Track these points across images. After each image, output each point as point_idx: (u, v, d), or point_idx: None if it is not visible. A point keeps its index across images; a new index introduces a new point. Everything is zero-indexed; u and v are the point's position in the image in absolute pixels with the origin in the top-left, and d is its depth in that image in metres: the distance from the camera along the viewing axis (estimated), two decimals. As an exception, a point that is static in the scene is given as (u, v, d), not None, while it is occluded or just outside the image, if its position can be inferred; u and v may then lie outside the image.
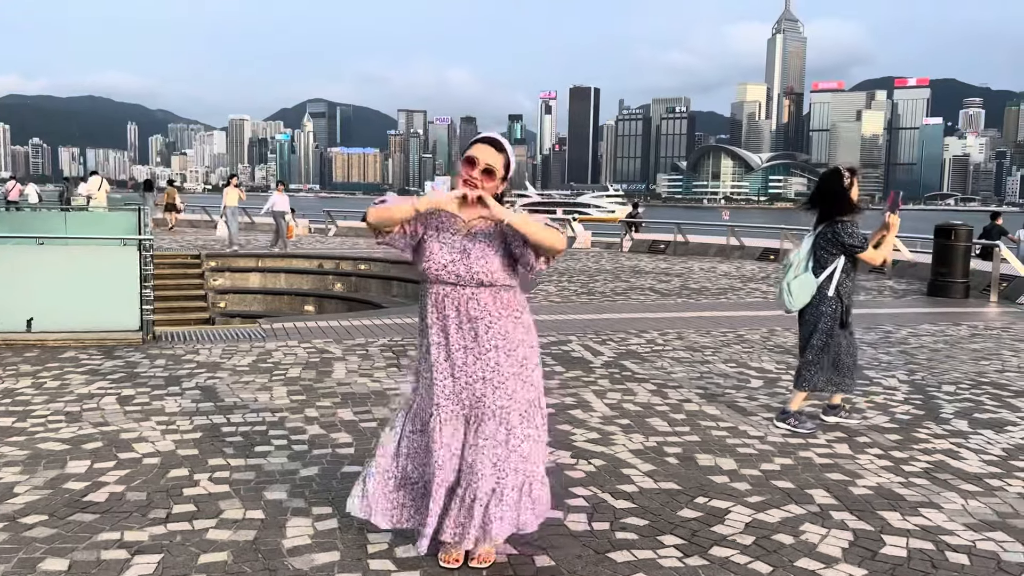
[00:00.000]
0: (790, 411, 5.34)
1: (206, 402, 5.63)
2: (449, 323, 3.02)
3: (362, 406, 5.59)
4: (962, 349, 8.39)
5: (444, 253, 2.99)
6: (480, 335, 3.01)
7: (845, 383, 5.32)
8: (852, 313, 5.35)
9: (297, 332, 8.49)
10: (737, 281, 14.50)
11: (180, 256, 18.63)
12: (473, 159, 2.95)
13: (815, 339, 5.26)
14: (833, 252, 5.19)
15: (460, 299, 3.01)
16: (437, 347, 3.05)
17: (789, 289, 5.25)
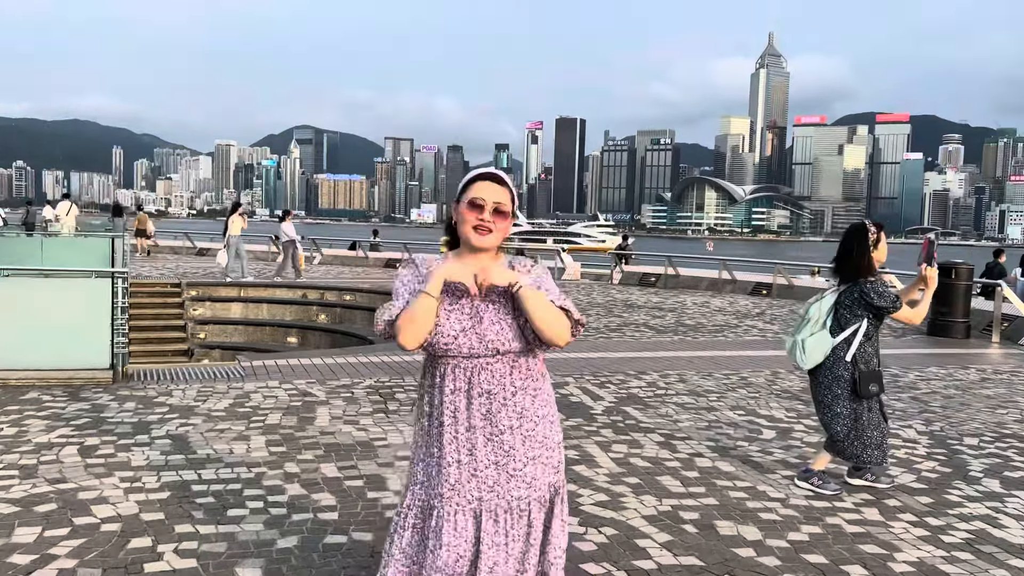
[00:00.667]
0: (813, 470, 4.93)
1: (176, 454, 5.16)
2: (459, 400, 2.55)
3: (347, 460, 5.13)
4: (975, 396, 8.03)
5: (453, 322, 2.51)
6: (494, 413, 2.55)
7: (868, 455, 4.88)
8: (881, 382, 4.90)
9: (278, 371, 8.02)
10: (732, 317, 14.15)
11: (159, 284, 18.10)
12: (479, 202, 2.52)
13: (837, 406, 4.85)
14: (857, 314, 4.79)
15: (472, 371, 2.54)
16: (443, 428, 2.57)
17: (803, 346, 4.85)
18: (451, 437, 2.56)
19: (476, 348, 2.52)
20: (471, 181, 2.57)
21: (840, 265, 4.90)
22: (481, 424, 2.55)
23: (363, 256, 27.18)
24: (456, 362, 2.54)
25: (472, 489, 2.55)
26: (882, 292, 4.73)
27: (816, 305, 4.91)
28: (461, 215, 2.55)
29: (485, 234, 2.52)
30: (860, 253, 4.78)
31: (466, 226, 2.54)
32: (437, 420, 2.58)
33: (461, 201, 2.56)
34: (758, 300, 17.61)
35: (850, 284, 4.82)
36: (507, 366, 2.57)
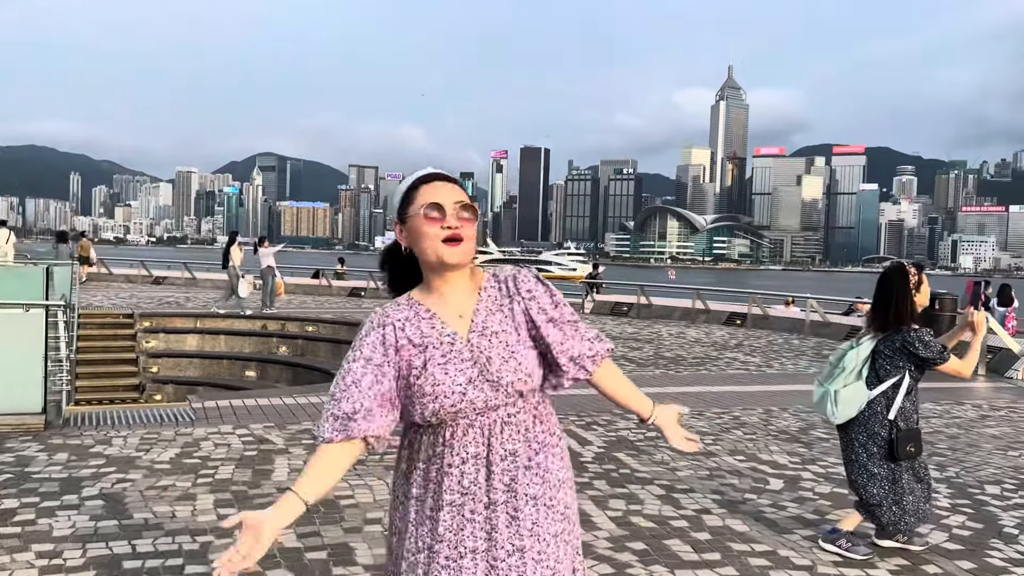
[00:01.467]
0: (841, 531, 4.37)
1: (108, 519, 4.44)
2: (476, 469, 1.94)
3: (307, 524, 4.45)
4: (980, 435, 7.58)
5: (455, 375, 1.92)
6: (518, 481, 1.95)
7: (906, 523, 4.33)
8: (919, 442, 4.36)
9: (232, 413, 7.30)
10: (711, 349, 13.68)
11: (110, 315, 17.17)
12: (438, 204, 1.94)
13: (872, 466, 4.30)
14: (898, 365, 4.26)
15: (492, 428, 1.95)
16: (456, 509, 1.93)
17: (835, 398, 4.30)
18: (464, 520, 1.93)
19: (493, 398, 1.94)
20: (416, 185, 1.99)
21: (879, 311, 4.36)
22: (504, 498, 1.94)
23: (327, 285, 26.39)
24: (468, 423, 1.94)
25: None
26: (928, 342, 4.21)
27: (852, 353, 4.36)
28: (418, 231, 1.95)
29: (456, 245, 1.94)
30: (901, 298, 4.26)
31: (429, 241, 1.94)
32: (441, 500, 1.93)
33: (409, 214, 1.97)
34: (733, 330, 17.20)
35: (890, 332, 4.30)
36: (529, 415, 2.00)
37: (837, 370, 4.37)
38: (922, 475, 4.39)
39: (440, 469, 1.94)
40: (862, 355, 4.32)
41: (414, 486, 1.98)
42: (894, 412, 4.25)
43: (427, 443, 1.97)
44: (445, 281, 1.98)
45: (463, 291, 2.00)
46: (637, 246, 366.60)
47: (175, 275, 28.78)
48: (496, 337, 1.97)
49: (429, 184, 1.99)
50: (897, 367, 4.26)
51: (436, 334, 1.95)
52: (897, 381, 4.27)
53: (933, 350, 4.19)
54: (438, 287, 1.99)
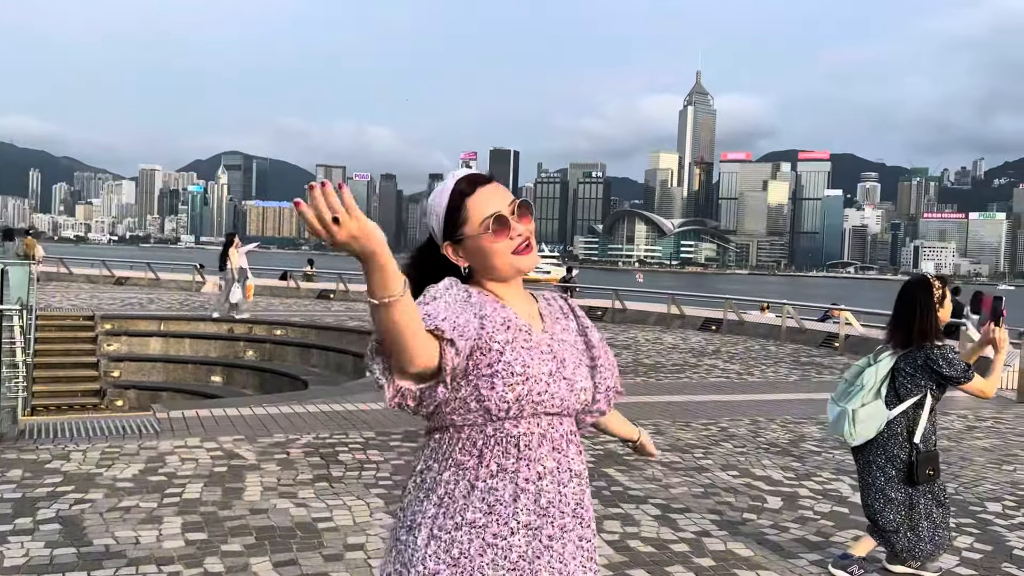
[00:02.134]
0: (853, 556, 4.14)
1: (66, 547, 4.08)
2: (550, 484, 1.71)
3: (284, 551, 4.13)
4: (971, 448, 7.44)
5: (540, 363, 1.71)
6: (583, 506, 1.77)
7: (921, 550, 4.11)
8: (938, 465, 4.14)
9: (200, 425, 6.93)
10: (689, 355, 13.50)
11: (70, 317, 16.56)
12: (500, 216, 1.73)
13: (890, 490, 4.07)
14: (920, 384, 4.03)
15: (559, 439, 1.74)
16: (526, 532, 1.68)
17: (853, 418, 4.05)
18: (542, 547, 1.69)
19: (567, 400, 1.74)
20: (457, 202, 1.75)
21: (900, 326, 4.12)
22: (571, 522, 1.74)
23: (295, 287, 25.87)
24: (543, 428, 1.73)
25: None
26: (952, 360, 3.99)
27: (871, 370, 4.12)
28: (485, 249, 1.74)
29: (529, 251, 1.77)
30: (924, 313, 4.02)
31: (501, 258, 1.75)
32: (517, 521, 1.68)
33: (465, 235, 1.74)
34: (709, 336, 17.07)
35: (912, 348, 4.07)
36: (579, 436, 1.83)
37: (854, 388, 4.14)
38: (942, 499, 4.17)
39: (513, 486, 1.68)
40: (881, 373, 4.09)
41: (470, 510, 1.67)
42: (919, 435, 4.03)
43: (497, 452, 1.69)
44: (507, 286, 1.80)
45: (521, 296, 1.84)
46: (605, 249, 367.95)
47: (138, 275, 28.03)
48: (564, 343, 1.81)
49: (474, 195, 1.76)
50: (919, 386, 4.03)
51: (513, 318, 1.74)
52: (919, 400, 4.05)
53: (958, 368, 3.98)
54: (497, 290, 1.79)
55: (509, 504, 1.67)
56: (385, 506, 4.91)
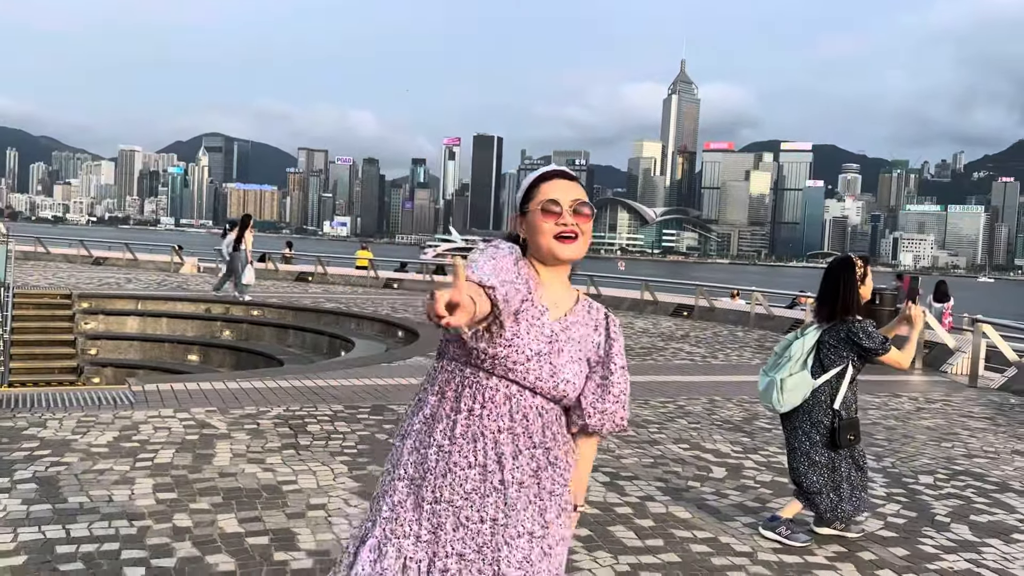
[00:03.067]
0: (781, 518, 4.45)
1: (42, 503, 4.31)
2: (507, 441, 1.97)
3: (250, 509, 4.38)
4: (916, 427, 7.80)
5: (532, 340, 1.97)
6: (542, 472, 2.00)
7: (842, 510, 4.43)
8: (858, 431, 4.47)
9: (174, 397, 7.15)
10: (658, 339, 13.83)
11: (47, 295, 16.66)
12: (555, 206, 2.03)
13: (815, 454, 4.39)
14: (842, 355, 4.36)
15: (530, 411, 1.99)
16: (482, 470, 1.96)
17: (781, 386, 4.37)
18: (491, 488, 1.96)
19: (544, 382, 1.98)
20: (536, 182, 2.09)
21: (825, 302, 4.44)
22: (528, 482, 1.98)
23: (273, 269, 25.98)
24: (510, 392, 1.98)
25: (498, 559, 1.93)
26: (872, 333, 4.31)
27: (798, 343, 4.44)
28: (535, 225, 2.04)
29: (571, 242, 2.03)
30: (848, 290, 4.35)
31: (544, 237, 2.03)
32: (471, 457, 1.96)
33: (529, 209, 2.06)
34: (680, 322, 17.41)
35: (835, 323, 4.38)
36: (557, 423, 2.05)
37: (783, 360, 4.44)
38: (861, 464, 4.49)
39: (475, 426, 1.96)
40: (807, 345, 4.40)
41: (438, 434, 1.98)
42: (839, 402, 4.34)
43: (467, 395, 1.97)
44: (550, 271, 2.06)
45: (562, 286, 2.08)
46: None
47: (116, 256, 28.06)
48: (573, 341, 2.04)
49: (550, 181, 2.07)
50: (841, 357, 4.35)
51: (536, 298, 2.01)
52: (841, 371, 4.36)
53: (876, 341, 4.29)
54: (542, 275, 2.06)
55: (469, 442, 1.95)
56: (348, 472, 5.17)
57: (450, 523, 1.93)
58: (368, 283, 23.36)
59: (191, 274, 24.76)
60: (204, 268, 26.36)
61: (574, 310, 2.08)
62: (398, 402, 7.38)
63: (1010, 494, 5.64)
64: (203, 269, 26.16)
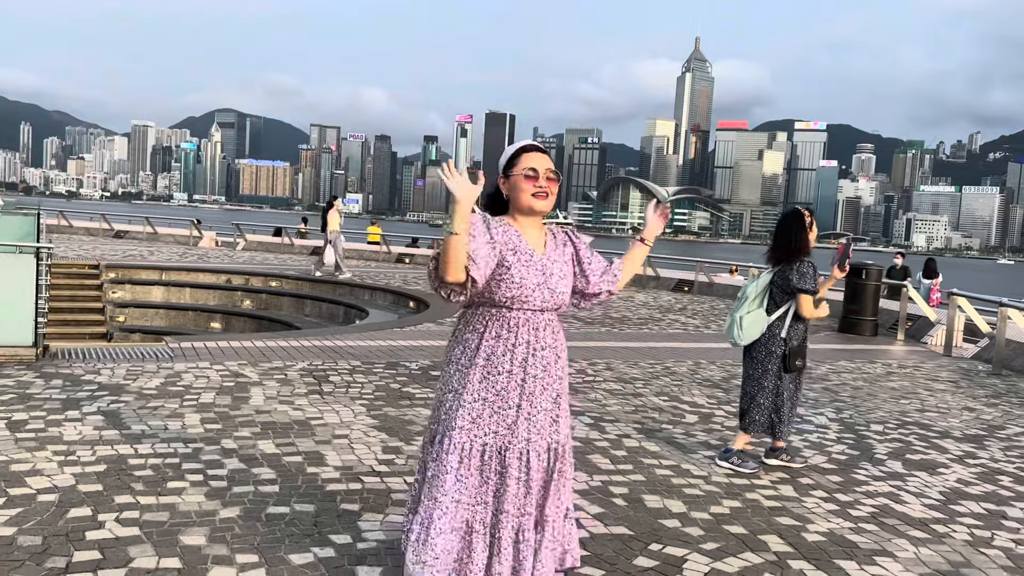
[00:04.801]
0: (733, 450, 5.22)
1: (110, 429, 5.12)
2: (525, 349, 2.83)
3: (284, 437, 5.19)
4: (881, 387, 8.53)
5: (532, 276, 2.81)
6: (550, 365, 2.88)
7: (781, 430, 5.19)
8: (805, 357, 5.23)
9: (208, 352, 7.96)
10: (656, 311, 14.56)
11: (76, 265, 17.56)
12: (535, 169, 2.84)
13: (765, 380, 5.15)
14: (788, 293, 5.10)
15: (539, 325, 2.86)
16: (509, 375, 2.82)
17: (740, 323, 5.12)
18: (516, 384, 2.81)
19: (548, 301, 2.85)
20: (517, 154, 2.87)
21: (775, 248, 5.18)
22: (541, 375, 2.84)
23: (288, 243, 26.80)
24: (526, 316, 2.83)
25: (524, 431, 2.81)
26: (804, 273, 5.02)
27: (753, 285, 5.18)
28: (517, 185, 2.85)
29: (544, 198, 2.84)
30: (797, 235, 5.08)
31: (524, 195, 2.84)
32: (504, 367, 2.81)
33: (512, 173, 2.86)
34: (680, 296, 18.12)
35: (783, 265, 5.11)
36: (559, 324, 2.95)
37: (742, 300, 5.18)
38: (799, 393, 5.26)
39: (503, 347, 2.82)
40: (761, 286, 5.14)
41: (480, 356, 2.83)
42: (785, 331, 5.07)
43: (497, 326, 2.83)
44: (527, 220, 2.89)
45: (536, 230, 2.92)
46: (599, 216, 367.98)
47: (136, 229, 28.94)
48: (557, 264, 2.91)
49: (529, 153, 2.87)
50: (788, 294, 5.08)
51: (523, 246, 2.84)
52: (789, 307, 5.08)
53: (806, 282, 5.00)
54: (521, 223, 2.89)
55: (500, 357, 2.82)
56: (367, 412, 5.96)
57: (487, 413, 2.81)
58: (380, 257, 24.15)
59: (209, 247, 25.60)
60: (222, 242, 27.24)
61: (549, 243, 2.93)
62: (409, 360, 8.16)
63: (948, 440, 6.38)
64: (221, 243, 27.04)
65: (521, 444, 2.79)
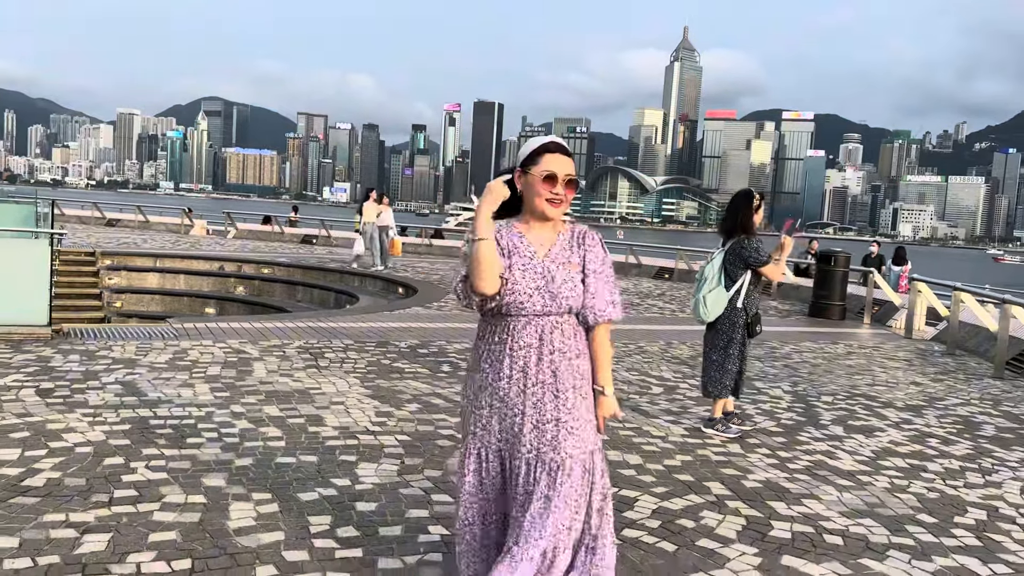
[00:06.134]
0: (716, 418, 5.80)
1: (130, 396, 5.69)
2: (530, 355, 2.63)
3: (287, 403, 5.76)
4: (839, 365, 9.17)
5: (528, 281, 2.61)
6: (561, 371, 2.64)
7: (724, 385, 5.80)
8: (761, 324, 5.85)
9: (210, 332, 8.51)
10: (635, 297, 15.18)
11: (73, 252, 17.99)
12: (554, 175, 2.63)
13: (731, 348, 5.73)
14: (740, 267, 5.68)
15: (544, 328, 2.64)
16: (508, 381, 2.64)
17: (704, 301, 5.70)
18: (520, 390, 2.63)
19: (549, 306, 2.63)
20: (540, 152, 2.65)
21: (724, 226, 5.77)
22: (549, 380, 2.63)
23: (279, 231, 27.27)
24: (528, 319, 2.63)
25: (531, 440, 2.61)
26: (757, 248, 5.60)
27: (709, 265, 5.76)
28: (533, 187, 2.64)
29: (558, 205, 2.65)
30: (745, 215, 5.67)
31: (539, 199, 2.64)
32: (504, 373, 2.64)
33: (531, 172, 2.64)
34: (660, 283, 18.77)
35: (733, 243, 5.70)
36: (572, 328, 2.68)
37: (701, 281, 5.77)
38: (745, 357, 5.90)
39: (507, 352, 2.63)
40: (716, 266, 5.73)
41: (484, 362, 2.68)
42: (741, 301, 5.66)
43: (498, 332, 2.66)
44: (538, 221, 2.69)
45: (547, 230, 2.70)
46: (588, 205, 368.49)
47: (128, 217, 29.33)
48: (562, 266, 2.66)
49: (553, 154, 2.65)
50: (740, 269, 5.67)
51: (523, 248, 2.65)
52: (743, 280, 5.67)
53: (760, 255, 5.60)
54: (531, 222, 2.69)
55: (502, 362, 2.63)
56: (361, 383, 6.54)
57: (495, 420, 2.65)
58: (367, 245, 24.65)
59: (201, 236, 26.04)
60: (213, 230, 27.68)
61: (557, 242, 2.68)
62: (399, 340, 8.75)
63: (890, 410, 7.02)
64: (212, 231, 27.48)
65: (530, 454, 2.61)
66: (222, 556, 3.32)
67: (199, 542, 3.43)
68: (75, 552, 3.27)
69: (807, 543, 3.92)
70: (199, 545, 3.40)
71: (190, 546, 3.39)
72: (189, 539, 3.45)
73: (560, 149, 2.67)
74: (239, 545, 3.43)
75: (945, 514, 4.47)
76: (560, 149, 2.67)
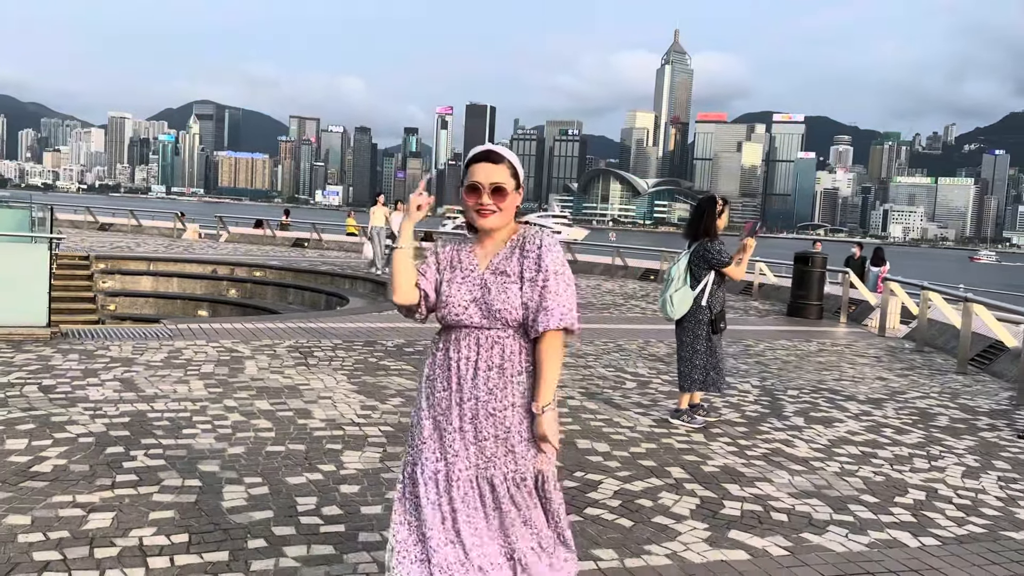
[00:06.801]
0: (682, 410, 6.15)
1: (127, 392, 6.01)
2: (465, 367, 2.55)
3: (277, 398, 6.10)
4: (809, 361, 9.55)
5: (464, 294, 2.56)
6: (500, 388, 2.53)
7: (716, 382, 6.16)
8: (726, 321, 6.20)
9: (203, 333, 8.84)
10: (620, 298, 15.54)
11: (67, 256, 18.24)
12: (476, 185, 2.55)
13: (697, 344, 6.08)
14: (704, 268, 6.04)
15: (482, 341, 2.55)
16: (445, 394, 2.57)
17: (671, 301, 6.06)
18: (454, 404, 2.56)
19: (486, 318, 2.54)
20: (468, 164, 2.60)
21: (689, 230, 6.13)
22: (484, 397, 2.53)
23: (271, 235, 27.55)
24: (468, 331, 2.57)
25: (470, 456, 2.54)
26: (720, 251, 5.98)
27: (675, 266, 6.12)
28: (463, 201, 2.59)
29: (488, 215, 2.56)
30: (708, 218, 6.04)
31: (468, 211, 2.59)
32: (442, 385, 2.59)
33: (464, 185, 2.58)
34: (645, 284, 19.12)
35: (697, 245, 6.06)
36: (516, 342, 2.55)
37: (668, 281, 6.12)
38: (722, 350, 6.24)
39: (446, 364, 2.58)
40: (681, 267, 6.08)
41: (431, 372, 2.63)
42: (706, 299, 6.02)
43: (441, 343, 2.62)
44: (484, 232, 2.61)
45: (497, 240, 2.62)
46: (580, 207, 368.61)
47: (120, 222, 29.58)
48: (501, 276, 2.55)
49: (477, 164, 2.57)
50: (704, 270, 6.03)
51: (467, 263, 2.60)
52: (707, 280, 6.03)
53: (722, 257, 5.95)
54: (480, 235, 2.63)
55: (442, 372, 2.57)
56: (348, 380, 6.87)
57: (438, 432, 2.56)
58: (359, 248, 24.98)
59: (193, 239, 26.32)
60: (205, 234, 27.94)
61: (500, 253, 2.57)
62: (386, 339, 9.08)
63: (852, 403, 7.38)
64: (204, 235, 27.74)
65: (469, 471, 2.53)
66: (216, 531, 3.65)
67: (195, 519, 3.76)
68: (82, 528, 3.60)
69: (754, 520, 4.27)
70: (195, 522, 3.73)
71: (187, 523, 3.72)
72: (186, 517, 3.78)
73: (487, 158, 2.58)
74: (232, 522, 3.76)
75: (887, 495, 4.83)
76: (487, 158, 2.58)
